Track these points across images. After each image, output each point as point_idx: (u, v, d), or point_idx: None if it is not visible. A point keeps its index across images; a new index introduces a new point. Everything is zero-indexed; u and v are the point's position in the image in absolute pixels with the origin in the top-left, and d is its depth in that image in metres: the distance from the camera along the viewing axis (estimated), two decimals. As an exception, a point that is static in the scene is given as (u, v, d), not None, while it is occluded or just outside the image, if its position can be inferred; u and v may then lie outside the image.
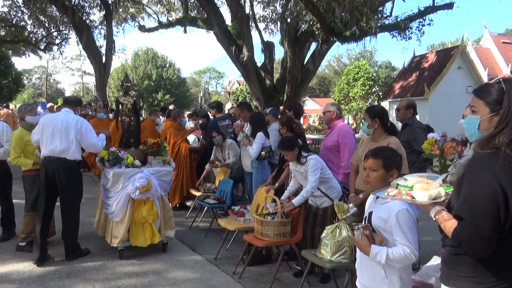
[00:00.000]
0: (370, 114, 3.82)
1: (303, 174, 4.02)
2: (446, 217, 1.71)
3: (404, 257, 2.15)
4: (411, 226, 2.18)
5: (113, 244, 4.57)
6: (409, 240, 2.16)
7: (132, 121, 5.15)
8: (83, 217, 4.95)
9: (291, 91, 14.60)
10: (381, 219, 2.25)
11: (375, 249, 2.20)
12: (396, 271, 2.22)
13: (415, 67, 25.85)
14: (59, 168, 4.38)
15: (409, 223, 2.18)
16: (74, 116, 4.55)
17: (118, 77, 42.99)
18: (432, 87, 22.55)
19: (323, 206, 4.05)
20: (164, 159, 5.03)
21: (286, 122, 4.90)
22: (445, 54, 24.59)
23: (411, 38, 14.38)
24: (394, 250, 2.17)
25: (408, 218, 2.18)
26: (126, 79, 5.33)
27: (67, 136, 4.38)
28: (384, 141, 3.71)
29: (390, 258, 2.16)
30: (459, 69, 23.04)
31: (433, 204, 1.77)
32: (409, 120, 4.66)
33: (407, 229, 2.17)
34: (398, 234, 2.18)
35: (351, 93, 36.30)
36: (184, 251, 4.96)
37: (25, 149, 4.73)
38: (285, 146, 4.07)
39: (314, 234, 4.03)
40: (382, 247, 2.21)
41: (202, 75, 70.94)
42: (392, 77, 46.73)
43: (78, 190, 4.56)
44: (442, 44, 48.15)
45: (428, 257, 3.53)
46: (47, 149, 4.40)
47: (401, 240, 2.17)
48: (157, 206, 4.72)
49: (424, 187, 1.81)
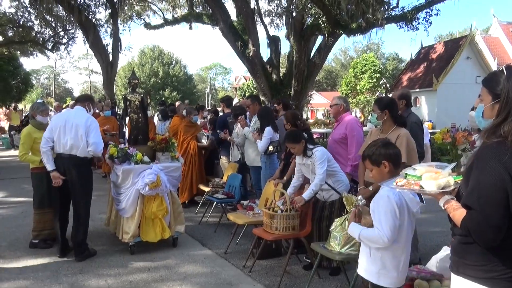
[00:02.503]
0: (379, 106, 3.79)
1: (310, 167, 4.02)
2: (455, 206, 1.71)
3: (374, 237, 2.29)
4: (387, 212, 2.27)
5: (124, 240, 4.62)
6: (382, 223, 2.27)
7: (140, 118, 5.19)
8: (94, 214, 5.01)
9: (298, 85, 14.55)
10: (374, 203, 2.38)
11: (352, 227, 2.46)
12: (379, 253, 2.34)
13: (423, 58, 25.61)
14: (70, 165, 4.44)
15: (385, 208, 2.28)
16: (85, 114, 4.59)
17: (125, 75, 43.20)
18: (440, 78, 22.33)
19: (330, 200, 4.05)
20: (173, 155, 5.06)
21: (291, 118, 4.88)
22: (453, 44, 24.31)
23: (418, 29, 14.20)
24: (367, 230, 2.36)
25: (386, 204, 2.28)
26: (133, 76, 5.36)
27: (77, 133, 4.42)
28: (394, 133, 3.69)
29: (362, 235, 2.36)
30: (468, 59, 22.77)
31: (442, 194, 1.77)
32: (404, 113, 4.24)
33: (382, 214, 2.28)
34: (374, 216, 2.33)
35: (359, 86, 36.12)
36: (195, 246, 5.01)
37: (33, 146, 4.77)
38: (291, 139, 4.07)
39: (321, 228, 4.04)
40: (358, 226, 2.44)
41: (208, 71, 71.01)
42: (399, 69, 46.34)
43: (88, 187, 4.60)
44: (450, 34, 47.63)
45: (438, 248, 3.52)
46: (59, 146, 4.46)
47: (375, 222, 2.32)
48: (167, 201, 4.76)
49: (433, 176, 1.80)
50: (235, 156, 6.55)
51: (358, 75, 36.28)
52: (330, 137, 4.88)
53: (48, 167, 4.44)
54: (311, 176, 4.03)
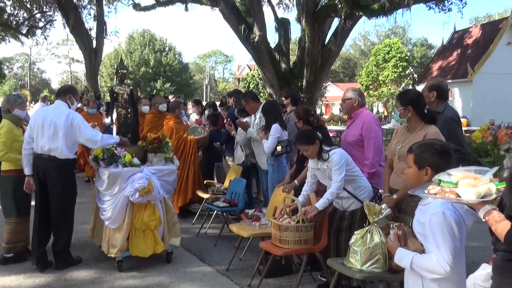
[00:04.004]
0: (402, 101, 3.75)
1: (326, 172, 4.01)
2: (497, 218, 1.70)
3: (432, 266, 2.15)
4: (444, 232, 2.16)
5: (111, 254, 4.63)
6: (439, 248, 2.15)
7: (129, 114, 5.22)
8: (76, 224, 5.02)
9: (311, 75, 14.53)
10: (420, 223, 2.26)
11: (401, 253, 2.28)
12: (435, 284, 2.22)
13: (457, 44, 25.46)
14: (50, 167, 4.48)
15: (442, 228, 2.16)
16: (65, 109, 4.61)
17: (111, 64, 43.44)
18: (476, 67, 22.19)
19: (350, 209, 4.03)
20: (167, 156, 5.08)
21: (303, 114, 4.85)
22: (491, 27, 24.15)
23: (451, 9, 14.14)
24: (422, 257, 2.21)
25: (442, 222, 2.16)
26: (121, 65, 5.39)
27: (56, 133, 4.46)
28: (421, 132, 3.66)
29: (415, 264, 2.21)
30: (509, 45, 22.60)
31: (482, 203, 1.76)
32: (439, 107, 4.14)
33: (439, 235, 2.16)
34: (429, 239, 2.20)
35: (381, 77, 36.04)
36: (192, 262, 5.02)
37: (12, 144, 4.77)
38: (303, 139, 4.04)
39: (340, 242, 4.03)
40: (409, 251, 2.27)
41: (207, 60, 71.25)
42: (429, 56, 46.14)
43: (70, 192, 4.64)
44: (488, 16, 47.35)
45: (475, 266, 3.49)
46: (37, 146, 4.50)
47: (430, 246, 2.19)
48: (160, 210, 4.77)
49: (471, 183, 1.79)
50: (238, 158, 6.56)
51: (380, 64, 36.21)
52: (343, 138, 4.80)
53: (26, 171, 4.52)
54: (327, 183, 4.01)
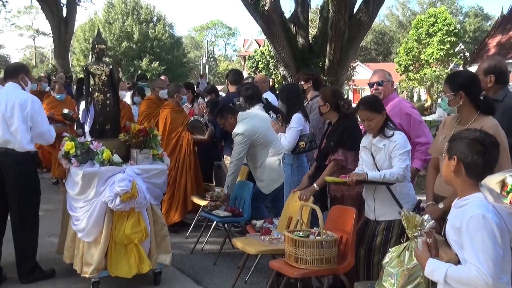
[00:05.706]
0: (452, 85, 3.73)
1: (378, 152, 4.02)
2: None
3: (470, 278, 2.20)
4: (485, 238, 2.21)
5: (85, 274, 4.64)
6: (479, 257, 2.20)
7: (108, 100, 5.22)
8: (41, 236, 5.06)
9: (335, 53, 14.45)
10: (454, 228, 2.33)
11: (433, 264, 2.35)
12: None
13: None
14: (7, 163, 4.54)
15: (482, 234, 2.21)
16: (21, 93, 4.69)
17: (85, 38, 43.58)
18: (545, 44, 22.02)
19: (383, 219, 4.03)
20: (155, 152, 5.09)
21: (331, 96, 4.82)
22: None
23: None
24: (458, 269, 2.27)
25: (482, 226, 2.22)
26: (98, 39, 5.39)
27: (11, 120, 4.53)
28: (476, 124, 3.63)
29: (450, 277, 2.26)
30: None
31: None
32: (498, 94, 4.17)
33: (479, 242, 2.21)
34: (466, 247, 2.26)
35: (424, 55, 35.82)
36: (185, 284, 5.04)
37: None
38: (371, 105, 4.04)
39: (371, 261, 4.04)
40: (442, 263, 2.33)
41: (204, 33, 71.25)
42: (484, 30, 45.76)
43: (33, 192, 4.70)
44: (560, -20, 46.82)
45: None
46: None
47: (468, 256, 2.24)
48: (146, 220, 4.79)
49: None
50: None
51: (423, 39, 35.96)
52: None
53: None
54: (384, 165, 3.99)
